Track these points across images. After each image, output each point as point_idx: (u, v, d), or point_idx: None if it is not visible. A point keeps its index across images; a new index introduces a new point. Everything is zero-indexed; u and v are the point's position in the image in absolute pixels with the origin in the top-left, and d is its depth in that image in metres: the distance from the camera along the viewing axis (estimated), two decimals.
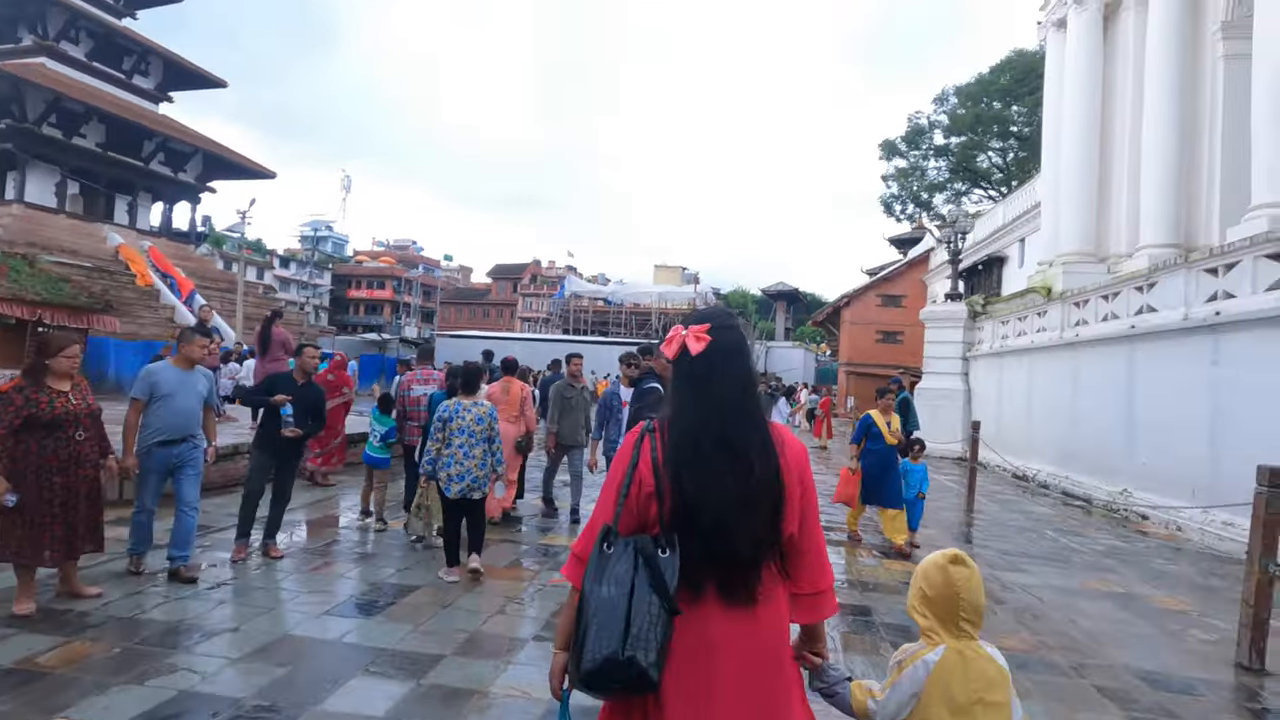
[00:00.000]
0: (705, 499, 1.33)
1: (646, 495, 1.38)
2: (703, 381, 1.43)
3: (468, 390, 5.03)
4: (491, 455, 4.88)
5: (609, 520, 1.40)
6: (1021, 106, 38.69)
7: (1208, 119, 13.88)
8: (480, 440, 4.84)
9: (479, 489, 4.80)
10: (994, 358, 14.35)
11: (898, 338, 34.39)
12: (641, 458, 1.41)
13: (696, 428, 1.39)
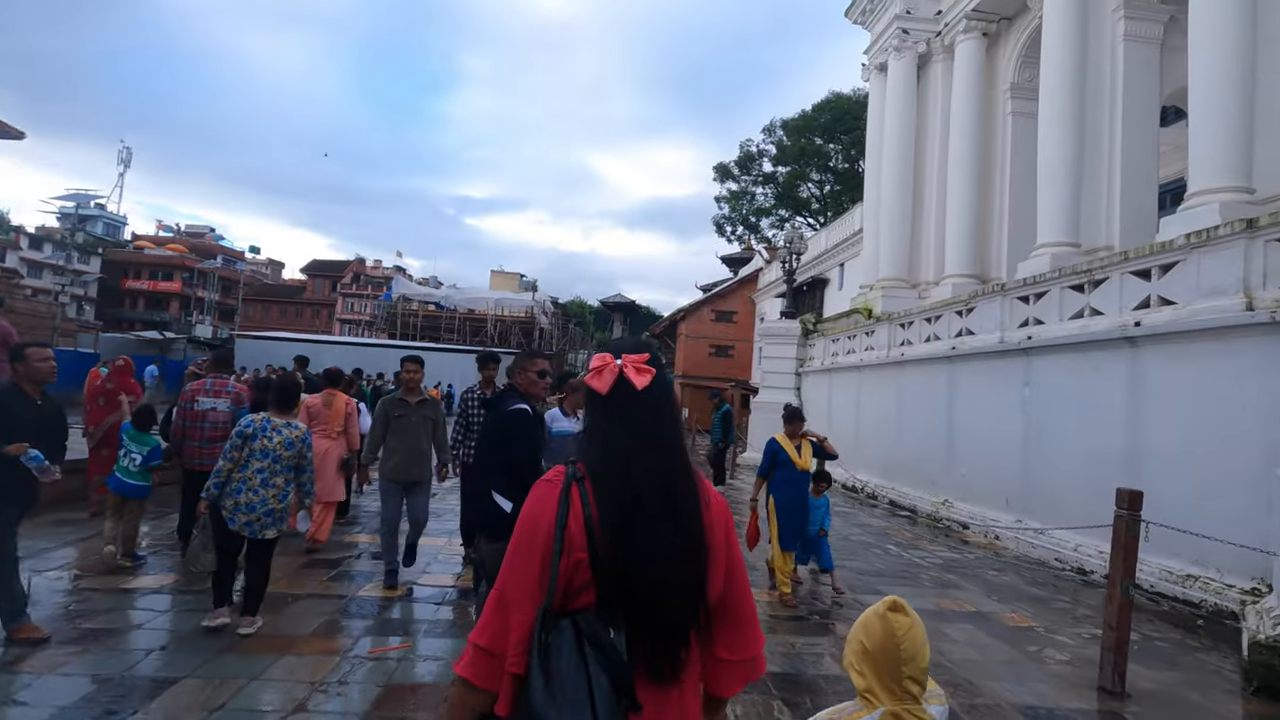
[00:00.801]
0: (649, 562, 1.18)
1: (576, 562, 1.18)
2: (643, 423, 1.28)
3: (282, 406, 4.10)
4: (298, 487, 4.09)
5: (536, 598, 1.17)
6: (838, 145, 42.50)
7: (999, 166, 15.72)
8: (286, 468, 3.97)
9: (272, 526, 3.92)
10: (825, 374, 15.08)
11: (729, 352, 35.92)
12: (572, 514, 1.20)
13: (639, 477, 1.23)
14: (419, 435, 5.07)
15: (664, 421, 1.30)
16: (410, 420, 5.06)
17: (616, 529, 1.18)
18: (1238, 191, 8.95)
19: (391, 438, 5.03)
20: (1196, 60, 9.57)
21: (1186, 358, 6.17)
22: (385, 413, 5.05)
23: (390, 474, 5.01)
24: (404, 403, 5.11)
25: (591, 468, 1.25)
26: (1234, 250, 5.79)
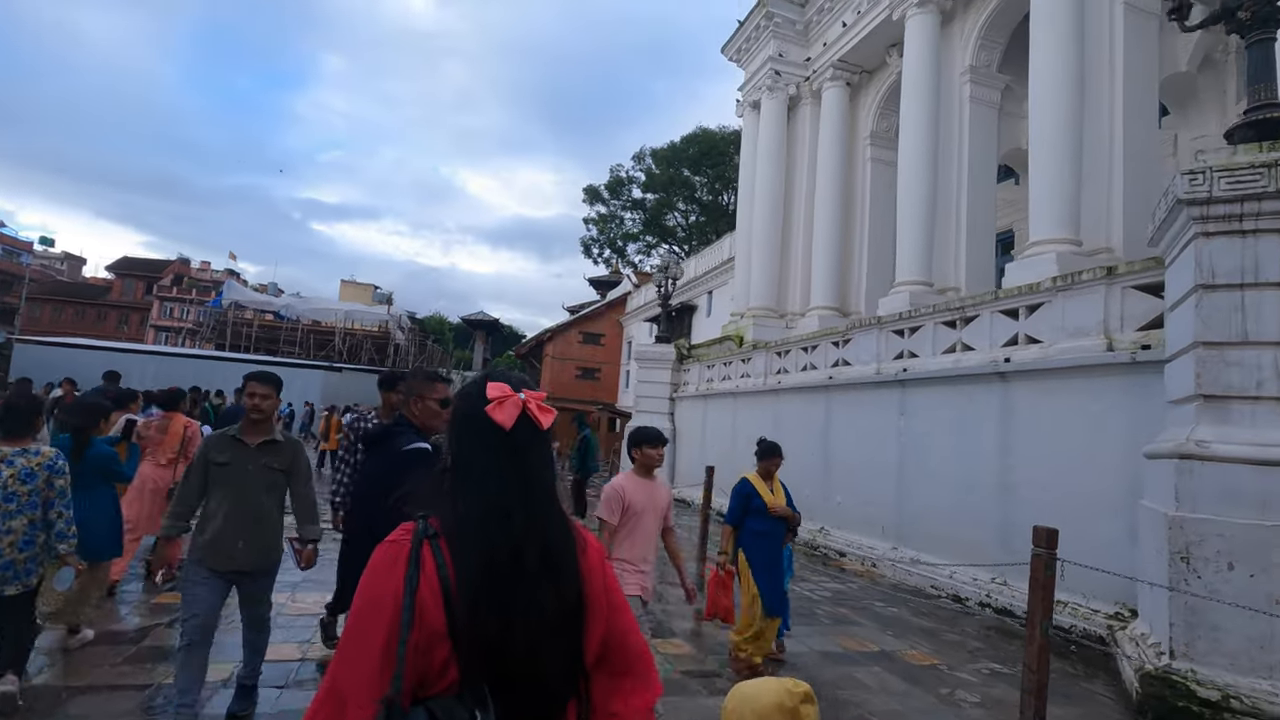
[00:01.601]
0: (526, 630, 1.03)
1: (431, 636, 1.00)
2: (534, 466, 1.15)
3: (10, 430, 3.25)
4: (47, 529, 3.25)
5: (378, 688, 0.97)
6: (704, 177, 44.14)
7: (859, 207, 16.76)
8: (26, 507, 3.17)
9: (14, 581, 3.15)
10: (700, 399, 15.08)
11: (596, 375, 35.62)
12: (424, 579, 1.01)
13: (520, 529, 1.08)
14: (257, 494, 3.23)
15: (543, 464, 1.18)
16: (245, 471, 3.21)
17: (485, 591, 1.03)
18: (1069, 243, 9.96)
19: (212, 497, 3.20)
20: (1035, 124, 10.61)
21: (1053, 393, 6.56)
22: (205, 457, 3.24)
23: (203, 554, 3.12)
24: (238, 443, 3.24)
25: (458, 519, 1.08)
26: (1095, 295, 6.25)
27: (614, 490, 3.57)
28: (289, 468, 3.36)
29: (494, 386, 1.18)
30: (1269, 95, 4.71)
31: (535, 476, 1.15)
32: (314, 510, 3.47)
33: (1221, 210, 4.40)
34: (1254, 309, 4.31)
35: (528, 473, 1.14)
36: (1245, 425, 4.27)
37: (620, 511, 3.50)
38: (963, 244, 13.33)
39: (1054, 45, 10.41)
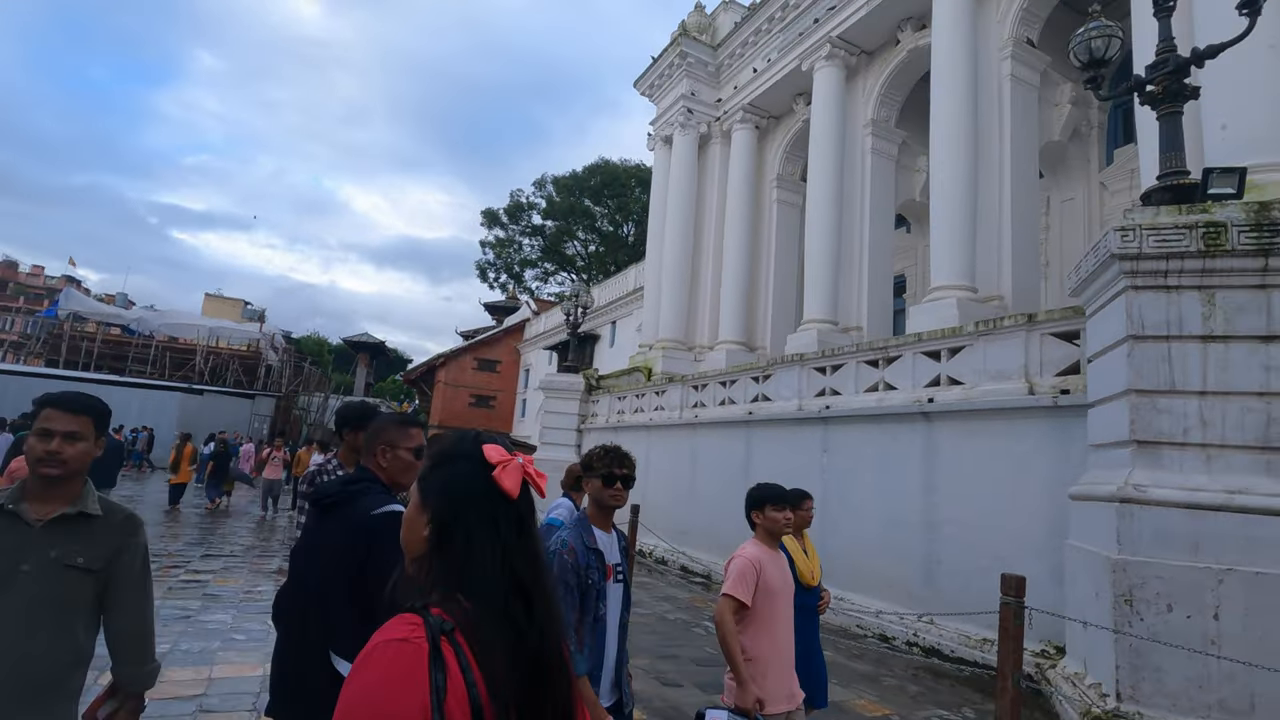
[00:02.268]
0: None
1: None
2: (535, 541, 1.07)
3: None
4: None
5: None
6: (605, 208, 44.43)
7: (765, 246, 17.25)
8: None
9: None
10: (610, 432, 14.71)
11: (490, 403, 34.40)
12: (451, 690, 0.86)
13: (543, 620, 0.99)
14: (31, 620, 1.75)
15: (539, 542, 1.10)
16: (12, 574, 1.75)
17: (519, 696, 0.91)
18: (966, 290, 10.62)
19: None
20: (935, 180, 11.32)
21: (976, 433, 6.79)
22: None
23: None
24: (8, 520, 1.78)
25: (477, 609, 0.94)
26: (1016, 340, 6.55)
27: (749, 563, 2.94)
28: (106, 566, 1.88)
29: (493, 449, 1.06)
30: (1179, 164, 5.11)
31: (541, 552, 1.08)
32: (144, 644, 1.99)
33: (1150, 266, 4.67)
34: (1179, 360, 4.58)
35: (535, 548, 1.06)
36: (1175, 470, 4.50)
37: (754, 591, 2.85)
38: (865, 286, 13.97)
39: (952, 111, 11.22)
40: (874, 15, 13.59)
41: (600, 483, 2.59)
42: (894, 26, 13.76)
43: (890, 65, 14.16)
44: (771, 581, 2.98)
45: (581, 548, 2.50)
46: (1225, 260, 4.53)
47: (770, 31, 16.27)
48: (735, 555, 3.10)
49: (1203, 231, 4.55)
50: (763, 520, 3.13)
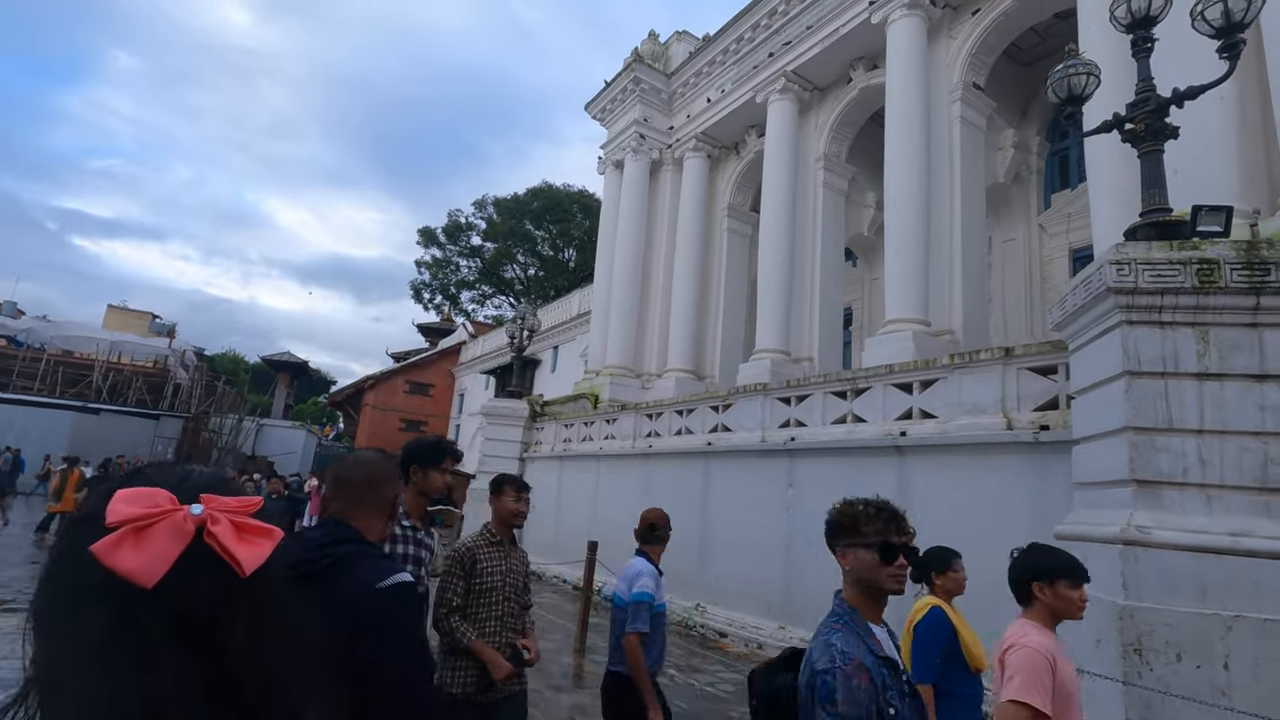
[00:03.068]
0: None
1: None
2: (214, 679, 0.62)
3: None
4: None
5: None
6: (546, 232, 43.94)
7: (716, 275, 17.17)
8: None
9: None
10: (555, 460, 14.07)
11: (422, 427, 32.94)
12: None
13: None
14: None
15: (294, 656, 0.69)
16: None
17: None
18: (920, 323, 10.70)
19: None
20: (890, 216, 11.45)
21: (951, 468, 6.62)
22: None
23: None
24: None
25: None
26: (993, 374, 6.45)
27: (1042, 658, 2.23)
28: None
29: (124, 500, 0.63)
30: (1161, 200, 5.11)
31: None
32: None
33: (1145, 301, 4.59)
34: (1176, 397, 4.48)
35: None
36: (1177, 511, 4.36)
37: (1051, 690, 2.18)
38: (816, 317, 14.00)
39: (906, 150, 11.43)
40: (827, 53, 13.85)
41: (875, 557, 1.80)
42: (846, 65, 14.07)
43: (842, 102, 14.44)
44: (1067, 680, 2.31)
45: (872, 660, 1.67)
46: (1219, 298, 4.48)
47: (725, 63, 16.40)
48: (1016, 643, 2.35)
49: (1196, 268, 4.51)
50: (1051, 598, 2.41)
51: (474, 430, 30.12)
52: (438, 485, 2.81)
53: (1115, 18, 5.49)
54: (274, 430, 42.40)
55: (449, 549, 3.09)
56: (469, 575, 3.00)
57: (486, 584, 3.02)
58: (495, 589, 3.03)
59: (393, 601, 1.40)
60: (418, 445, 2.87)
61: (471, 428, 30.32)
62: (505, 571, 3.10)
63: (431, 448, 2.85)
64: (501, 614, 3.02)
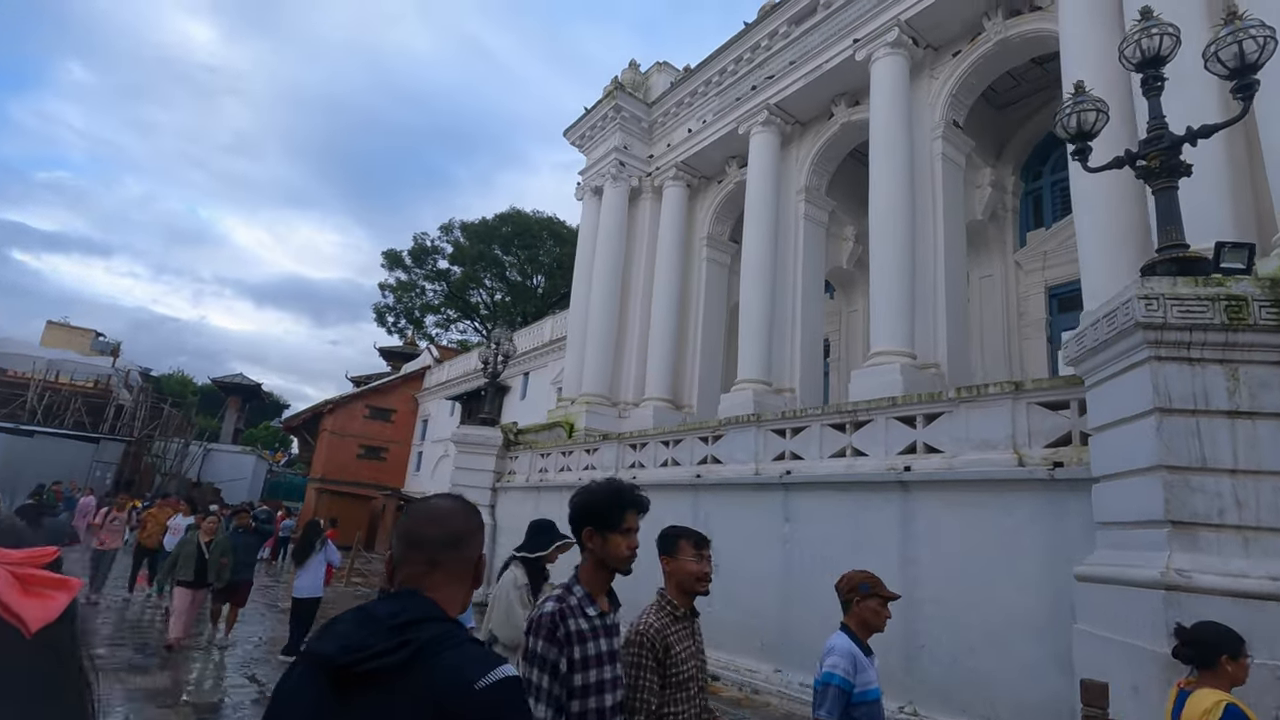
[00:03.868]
0: None
1: None
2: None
3: None
4: None
5: None
6: (515, 258, 43.55)
7: (694, 304, 17.03)
8: None
9: None
10: (531, 491, 13.56)
11: (382, 454, 31.83)
12: None
13: None
14: None
15: None
16: None
17: None
18: (906, 356, 10.67)
19: None
20: (875, 250, 11.47)
21: (960, 505, 6.44)
22: None
23: None
24: None
25: None
26: (1002, 409, 6.33)
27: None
28: None
29: None
30: (1178, 237, 5.09)
31: None
32: None
33: (1174, 336, 4.51)
34: (1209, 436, 4.38)
35: None
36: (1215, 554, 4.23)
37: None
38: (797, 348, 13.92)
39: (891, 185, 11.54)
40: (810, 88, 14.02)
41: None
42: (828, 101, 14.25)
43: (823, 137, 14.60)
44: None
45: None
46: (1247, 335, 4.43)
47: (706, 94, 16.50)
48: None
49: (1225, 304, 4.45)
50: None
51: (437, 458, 29.19)
52: (623, 554, 2.16)
53: (1125, 57, 5.53)
54: (222, 455, 40.53)
55: (625, 632, 2.38)
56: (662, 665, 2.35)
57: (683, 674, 2.40)
58: (691, 679, 2.44)
59: (500, 708, 1.07)
60: (591, 499, 2.21)
61: (435, 455, 29.38)
62: (695, 653, 2.54)
63: (609, 501, 2.18)
64: (699, 710, 2.45)
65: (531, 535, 4.64)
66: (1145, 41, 5.39)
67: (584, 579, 2.17)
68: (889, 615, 3.04)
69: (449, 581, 1.29)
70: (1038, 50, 11.55)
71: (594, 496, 2.21)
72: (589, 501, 2.21)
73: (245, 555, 8.57)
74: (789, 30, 14.14)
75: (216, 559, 7.97)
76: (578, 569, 2.21)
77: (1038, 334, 12.94)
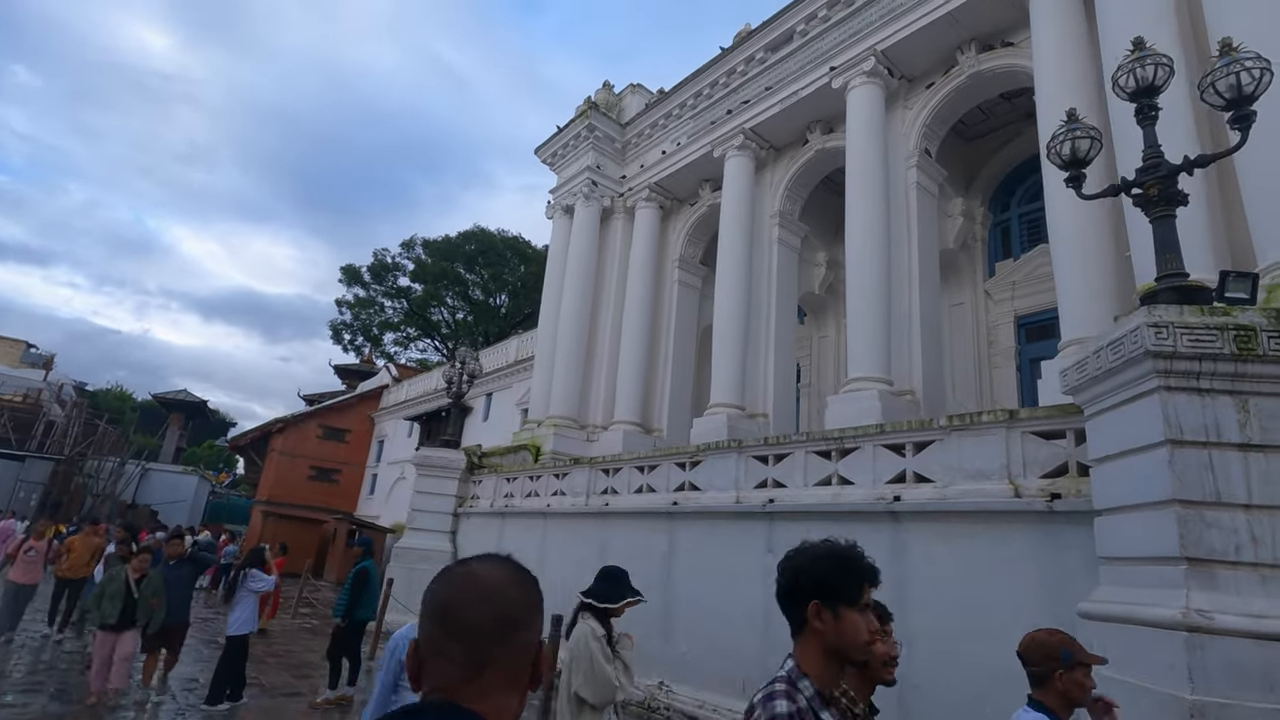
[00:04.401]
0: None
1: None
2: None
3: None
4: None
5: None
6: (478, 276, 42.88)
7: (665, 327, 16.81)
8: None
9: None
10: (495, 517, 12.99)
11: (334, 476, 30.60)
12: None
13: None
14: None
15: None
16: None
17: None
18: (884, 383, 10.58)
19: None
20: (852, 276, 11.44)
21: (953, 537, 6.24)
22: None
23: None
24: None
25: None
26: (995, 438, 6.18)
27: None
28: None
29: None
30: (1177, 265, 5.02)
31: None
32: None
33: (1183, 366, 4.39)
34: (1221, 469, 4.24)
35: None
36: (1233, 593, 4.06)
37: None
38: (770, 373, 13.77)
39: (867, 212, 11.55)
40: (785, 114, 14.07)
41: None
42: (803, 127, 14.32)
43: (798, 162, 14.65)
44: None
45: None
46: (1256, 365, 4.33)
47: (681, 117, 16.47)
48: None
49: (1234, 334, 4.36)
50: None
51: (393, 480, 28.14)
52: (863, 639, 1.68)
53: (1119, 86, 5.51)
54: (161, 475, 38.47)
55: None
56: None
57: None
58: None
59: None
60: (817, 565, 1.73)
61: (390, 477, 28.34)
62: None
63: (843, 567, 1.72)
64: None
65: (602, 582, 4.22)
66: (1140, 71, 5.38)
67: (811, 670, 1.66)
68: (1093, 685, 2.57)
69: (500, 686, 0.94)
70: (1009, 85, 11.78)
71: (820, 562, 1.73)
72: (814, 568, 1.72)
73: (180, 590, 7.37)
74: (765, 56, 14.21)
75: (147, 599, 6.88)
76: (794, 656, 1.71)
77: (1007, 363, 13.06)
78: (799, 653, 1.70)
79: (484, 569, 1.04)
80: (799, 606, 1.71)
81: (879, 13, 12.00)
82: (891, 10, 11.80)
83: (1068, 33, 9.37)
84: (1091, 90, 8.92)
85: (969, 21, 11.17)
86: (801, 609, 1.70)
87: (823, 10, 12.87)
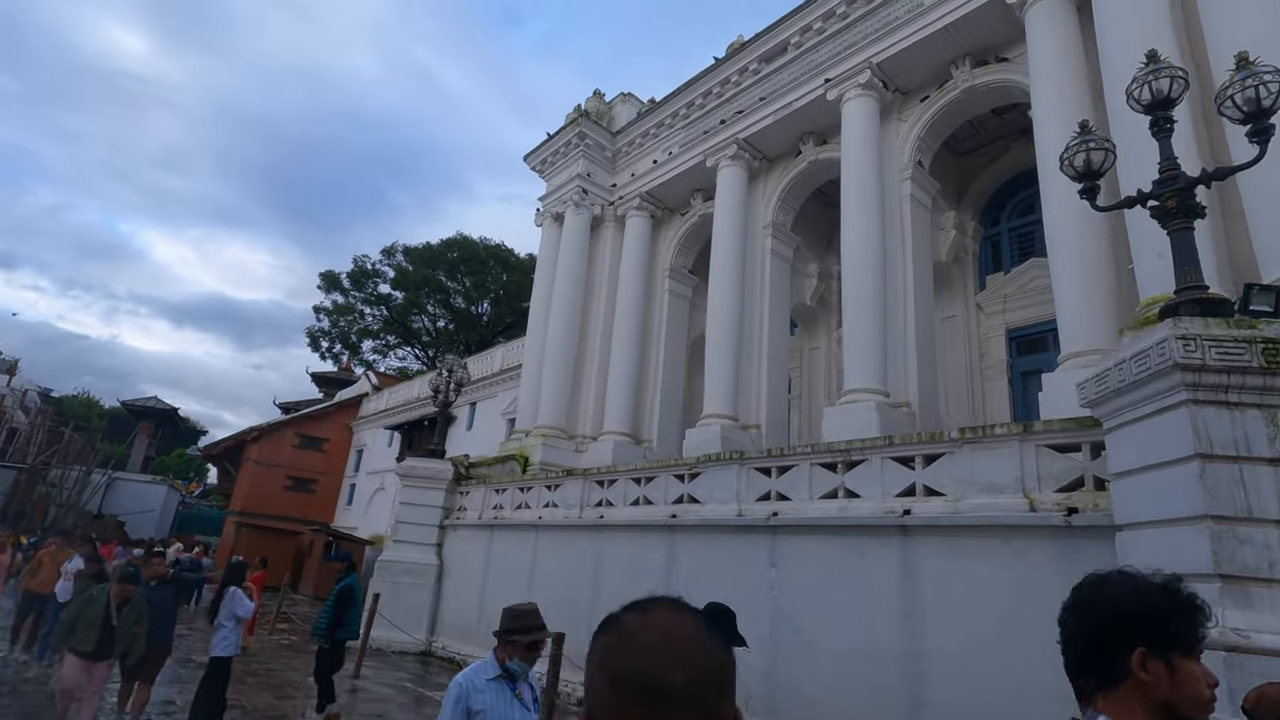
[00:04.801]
0: None
1: None
2: None
3: None
4: None
5: None
6: (460, 284, 42.43)
7: (655, 337, 16.65)
8: None
9: None
10: (483, 529, 12.68)
11: (310, 486, 29.89)
12: None
13: None
14: None
15: None
16: None
17: None
18: (880, 394, 10.52)
19: None
20: (849, 289, 11.40)
21: (967, 552, 6.13)
22: None
23: None
24: None
25: None
26: (1009, 450, 6.09)
27: None
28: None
29: None
30: (1197, 278, 4.99)
31: None
32: None
33: (1211, 379, 4.34)
34: (1253, 484, 4.18)
35: None
36: (1268, 611, 3.98)
37: None
38: (763, 384, 13.68)
39: (862, 223, 11.54)
40: (778, 125, 14.07)
41: None
42: (797, 138, 14.33)
43: (790, 173, 14.64)
44: None
45: None
46: None
47: (673, 126, 16.41)
48: None
49: (1262, 347, 4.31)
50: None
51: (372, 490, 27.55)
52: (1204, 695, 1.34)
53: (1133, 99, 5.49)
54: (129, 485, 37.32)
55: None
56: None
57: None
58: None
59: None
60: (1145, 602, 1.39)
61: (370, 487, 27.75)
62: None
63: (1180, 607, 1.39)
64: None
65: (705, 619, 3.92)
66: (1155, 84, 5.37)
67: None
68: None
69: None
70: (1002, 100, 11.89)
71: (1150, 597, 1.37)
72: (1140, 607, 1.37)
73: (163, 614, 6.60)
74: (759, 67, 14.22)
75: (128, 628, 5.98)
76: (1105, 716, 1.36)
77: (999, 375, 13.10)
78: (1113, 712, 1.36)
79: (669, 621, 0.86)
80: (1114, 653, 1.37)
81: (875, 26, 12.05)
82: (887, 24, 11.85)
83: (1064, 45, 9.45)
84: (1088, 102, 9.00)
85: (964, 36, 11.25)
86: (1116, 657, 1.37)
87: (818, 23, 12.90)
